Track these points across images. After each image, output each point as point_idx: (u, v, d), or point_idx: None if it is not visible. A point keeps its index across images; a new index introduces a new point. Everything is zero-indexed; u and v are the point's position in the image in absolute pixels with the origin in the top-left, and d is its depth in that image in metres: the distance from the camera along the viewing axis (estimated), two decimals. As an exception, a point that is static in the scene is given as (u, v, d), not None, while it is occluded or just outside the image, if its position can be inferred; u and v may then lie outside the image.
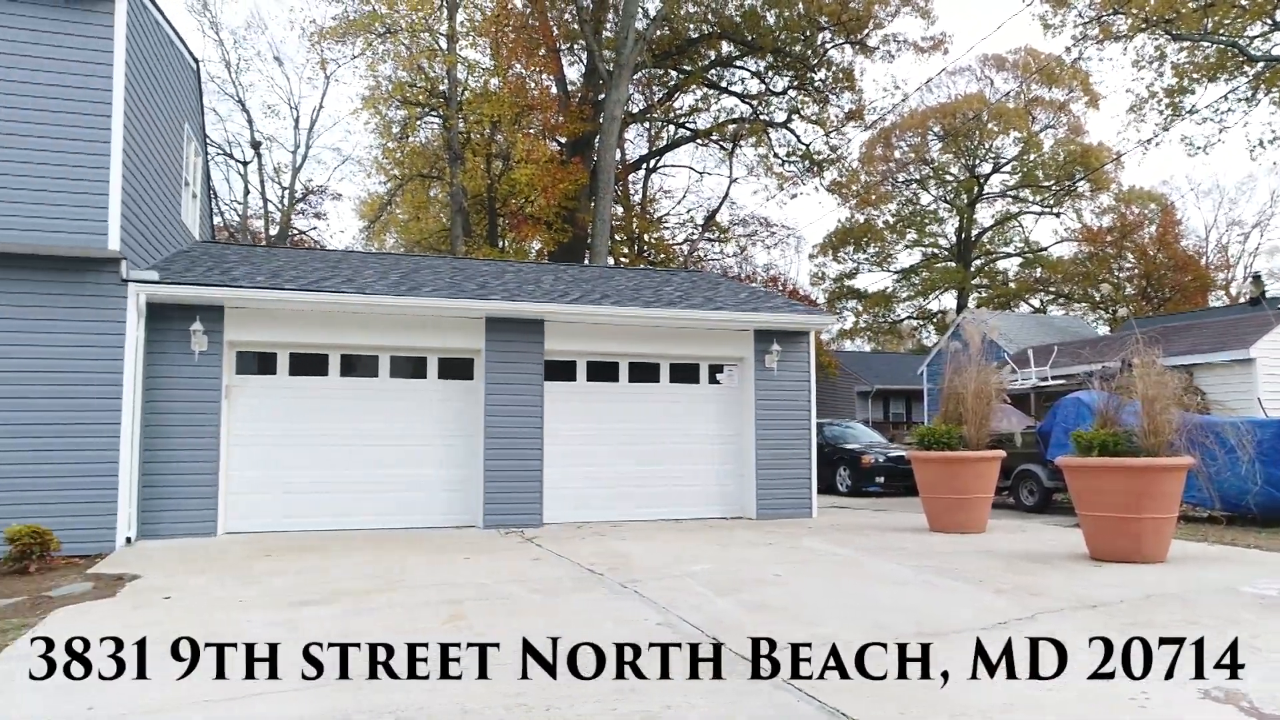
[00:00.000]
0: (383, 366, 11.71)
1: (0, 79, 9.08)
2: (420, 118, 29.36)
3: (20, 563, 8.56)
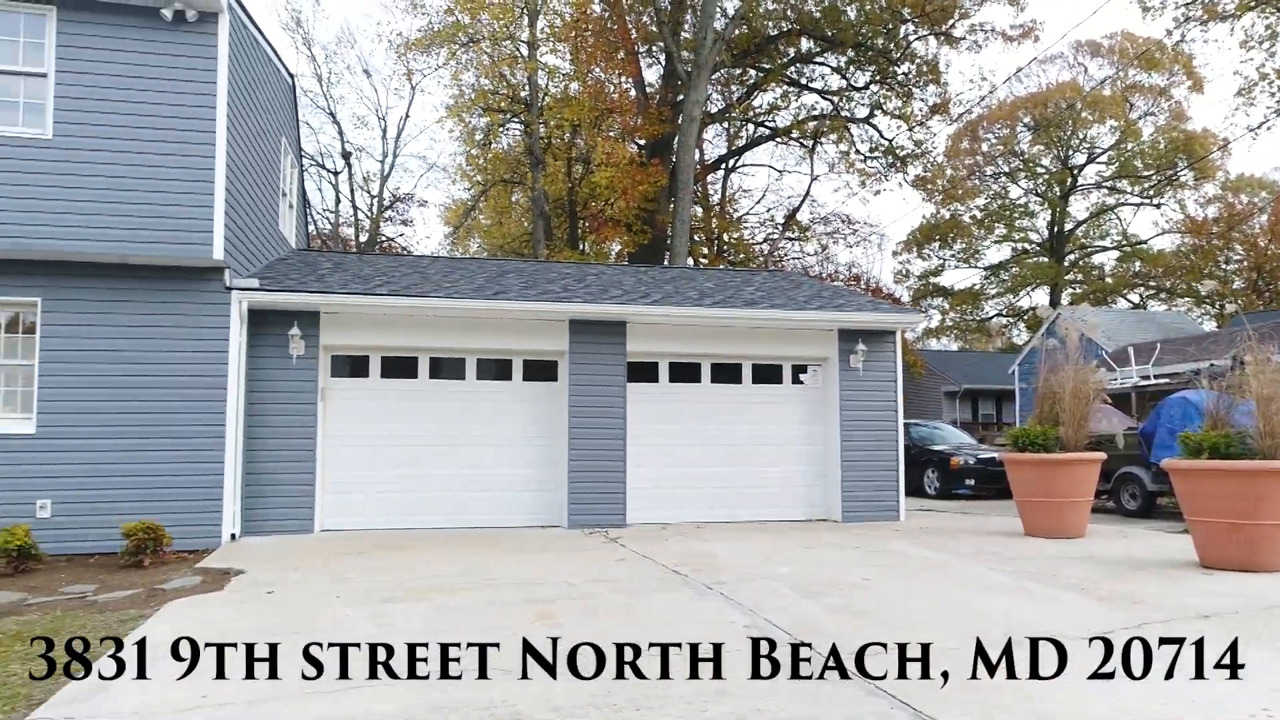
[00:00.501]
0: (469, 369, 11.96)
1: (113, 99, 9.63)
2: (502, 124, 29.89)
3: (135, 557, 9.06)
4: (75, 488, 9.64)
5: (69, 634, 6.06)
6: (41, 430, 9.65)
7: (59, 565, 9.17)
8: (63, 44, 9.57)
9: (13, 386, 9.80)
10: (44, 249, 9.46)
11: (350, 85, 43.99)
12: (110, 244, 9.56)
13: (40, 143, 9.46)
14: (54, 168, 9.46)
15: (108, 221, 9.54)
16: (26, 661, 5.38)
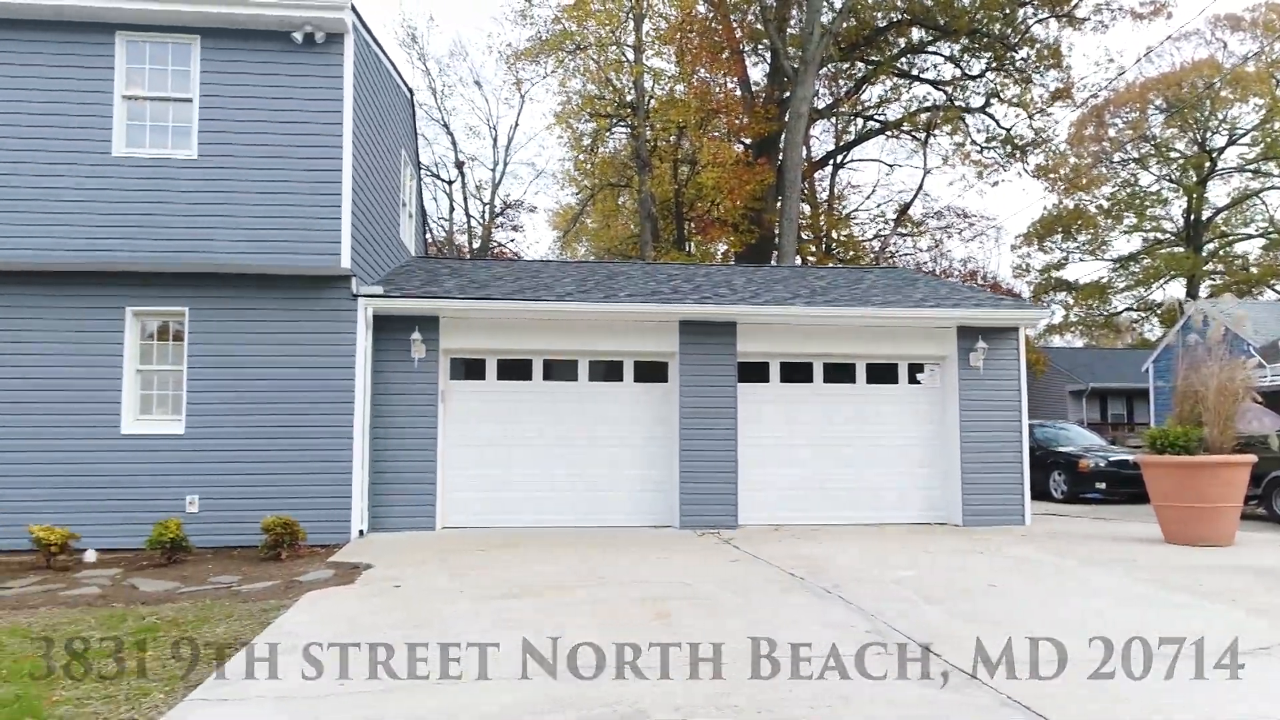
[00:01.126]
0: (582, 370, 12.15)
1: (250, 119, 10.24)
2: (609, 129, 30.23)
3: (273, 550, 9.59)
4: (219, 484, 10.30)
5: (217, 621, 6.48)
6: (190, 431, 10.35)
7: (206, 556, 9.82)
8: (206, 70, 10.25)
9: (165, 390, 10.55)
10: (191, 262, 10.15)
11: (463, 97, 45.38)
12: (248, 255, 10.18)
13: (187, 163, 10.16)
14: (199, 186, 10.14)
15: (246, 234, 10.16)
16: (183, 646, 5.78)
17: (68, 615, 6.90)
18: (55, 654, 5.62)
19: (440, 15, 49.61)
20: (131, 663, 5.37)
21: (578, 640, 5.66)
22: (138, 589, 8.03)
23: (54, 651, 5.68)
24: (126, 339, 10.34)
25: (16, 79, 10.00)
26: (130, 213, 10.01)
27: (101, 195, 9.99)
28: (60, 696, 4.73)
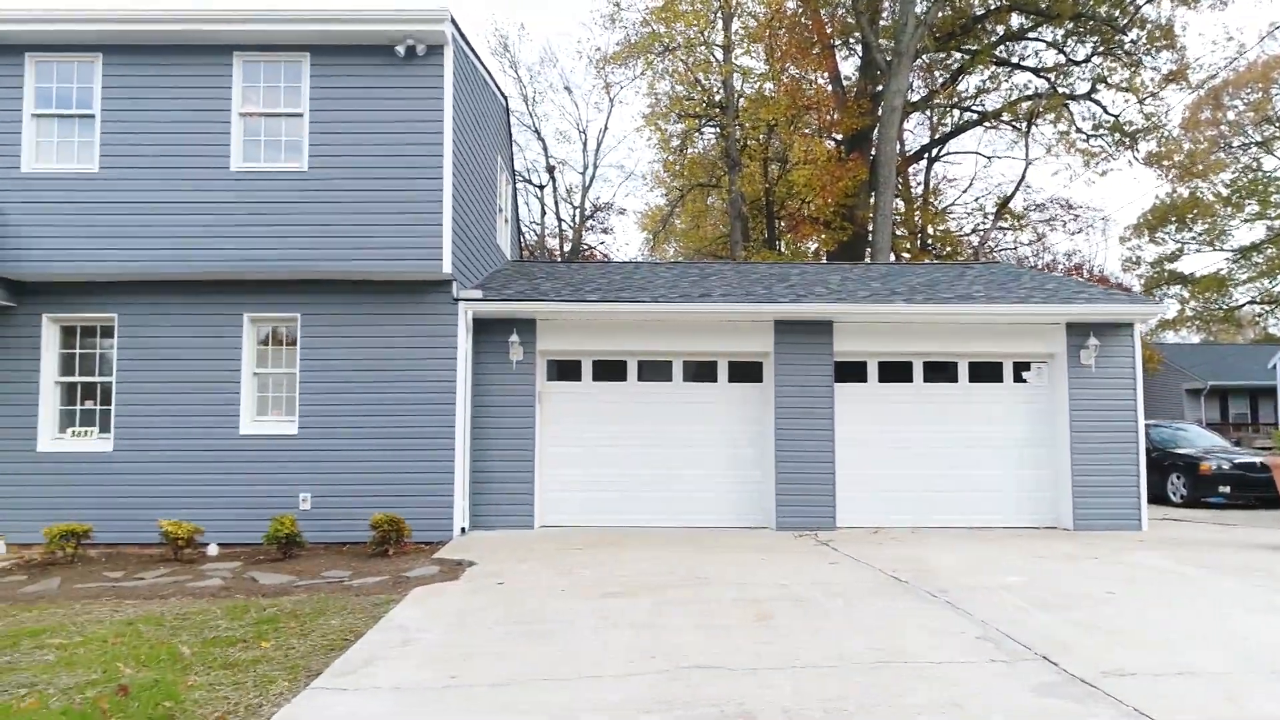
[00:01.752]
0: (676, 371, 12.17)
1: (355, 131, 10.63)
2: (698, 129, 30.20)
3: (381, 546, 9.93)
4: (329, 482, 10.72)
5: (333, 614, 6.75)
6: (302, 431, 10.81)
7: (318, 552, 10.24)
8: (315, 85, 10.69)
9: (279, 392, 11.05)
10: (302, 269, 10.61)
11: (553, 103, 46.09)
12: (355, 263, 10.57)
13: (298, 175, 10.62)
14: (309, 197, 10.58)
15: (353, 242, 10.55)
16: (302, 637, 6.05)
17: (195, 605, 7.30)
18: (188, 641, 5.95)
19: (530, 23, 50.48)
20: (256, 652, 5.64)
21: (681, 639, 5.68)
22: (257, 582, 8.43)
23: (186, 639, 6.02)
24: (244, 343, 10.88)
25: (146, 100, 10.64)
26: (247, 224, 10.53)
27: (221, 208, 10.53)
28: (194, 682, 5.01)
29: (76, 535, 9.85)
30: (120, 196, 10.52)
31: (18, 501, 10.53)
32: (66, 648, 5.86)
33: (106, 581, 8.59)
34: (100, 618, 6.85)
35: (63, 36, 10.49)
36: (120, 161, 10.58)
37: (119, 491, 10.59)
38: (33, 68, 10.65)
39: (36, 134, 10.67)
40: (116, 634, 6.21)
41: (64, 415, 10.94)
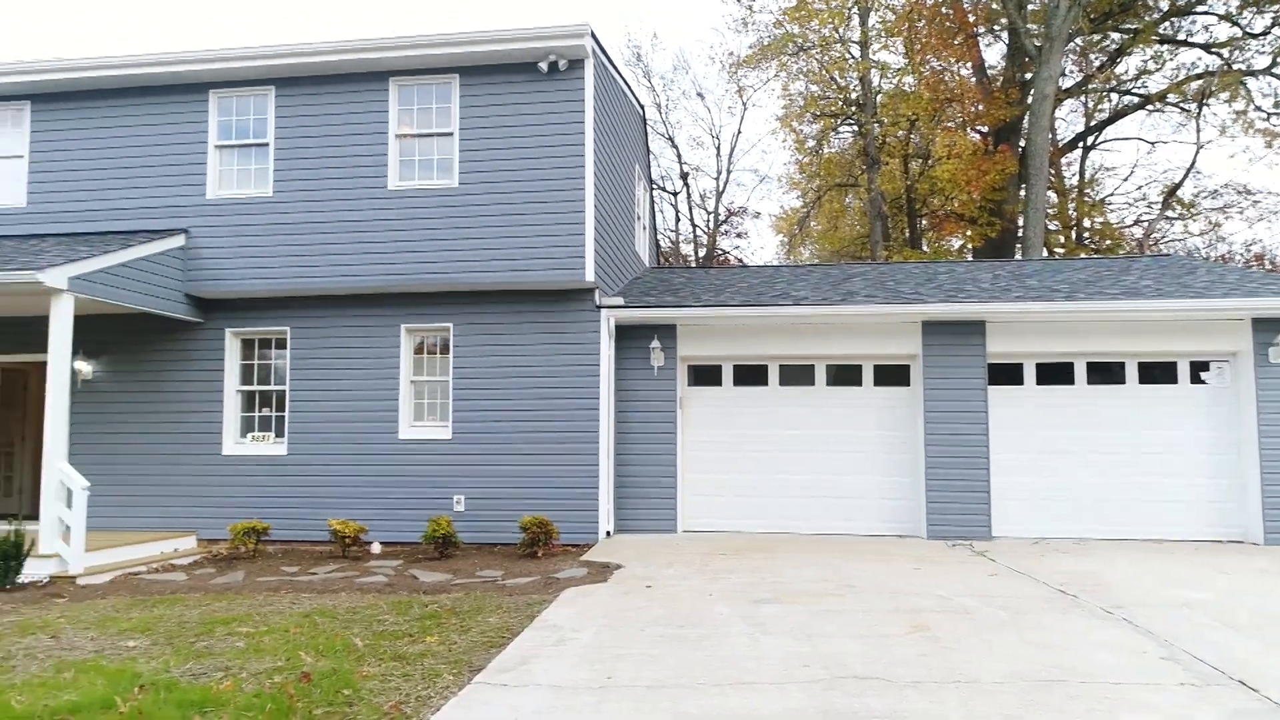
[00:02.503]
0: (818, 375, 11.95)
1: (501, 147, 11.01)
2: (834, 128, 29.61)
3: (530, 548, 10.23)
4: (481, 485, 11.13)
5: (489, 611, 6.99)
6: (455, 436, 11.27)
7: (470, 552, 10.65)
8: (464, 105, 11.17)
9: (433, 399, 11.58)
10: (454, 282, 11.08)
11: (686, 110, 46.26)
12: (502, 274, 10.95)
13: (449, 191, 11.11)
14: (459, 212, 11.05)
15: (500, 254, 10.94)
16: (463, 633, 6.30)
17: (364, 600, 7.74)
18: (359, 634, 6.31)
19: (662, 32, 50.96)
20: (422, 646, 5.92)
21: (836, 648, 5.55)
22: (417, 579, 8.85)
23: (358, 631, 6.39)
24: (402, 353, 11.46)
25: (313, 127, 11.41)
26: (403, 240, 11.10)
27: (380, 226, 11.15)
28: (368, 672, 5.30)
29: (257, 532, 10.65)
30: (292, 218, 11.32)
31: (206, 500, 11.47)
32: (254, 636, 6.33)
33: (284, 575, 9.24)
34: (281, 609, 7.36)
35: (241, 73, 11.39)
36: (291, 185, 11.38)
37: (292, 492, 11.37)
38: (215, 103, 11.63)
39: (219, 163, 11.63)
40: (296, 624, 6.66)
41: (244, 421, 11.85)
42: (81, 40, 54.08)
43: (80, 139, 11.79)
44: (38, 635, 6.54)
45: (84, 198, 11.72)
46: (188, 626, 6.70)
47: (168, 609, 7.46)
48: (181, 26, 56.55)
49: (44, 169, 11.84)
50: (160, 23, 57.29)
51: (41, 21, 56.06)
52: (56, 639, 6.41)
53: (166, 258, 11.05)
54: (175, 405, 11.70)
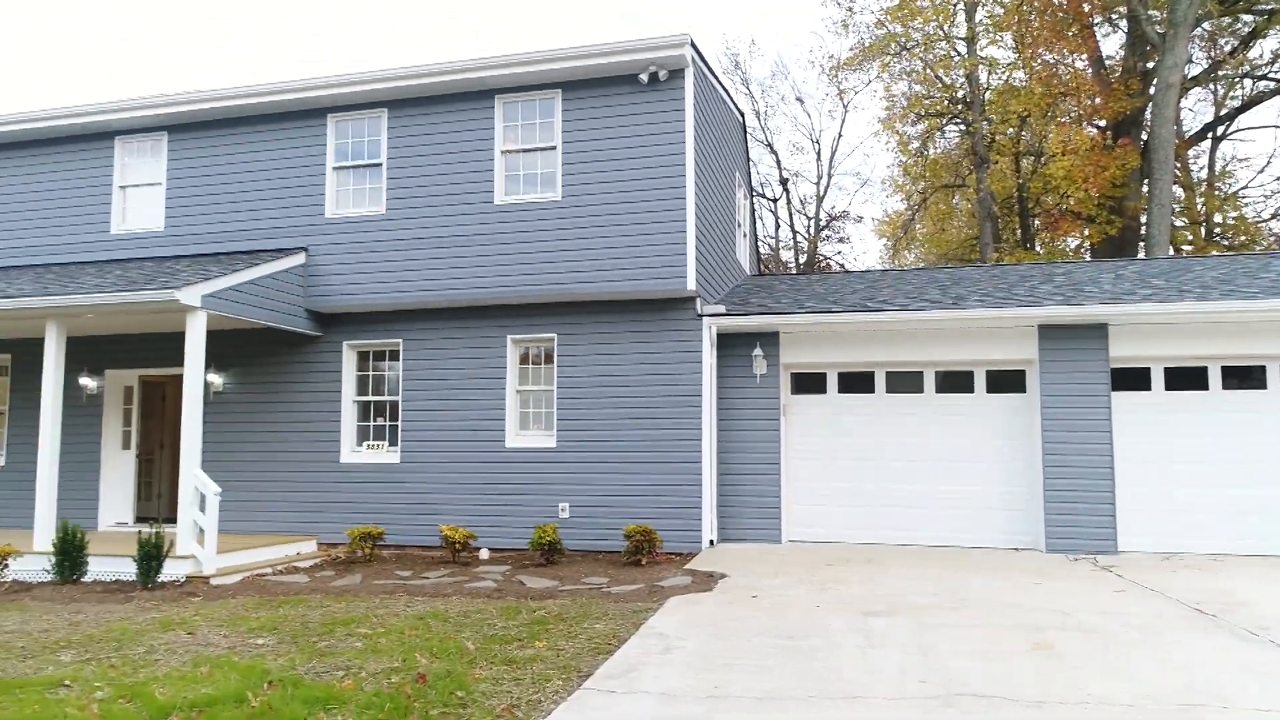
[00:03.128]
0: (927, 381, 11.59)
1: (602, 159, 11.15)
2: (940, 128, 28.79)
3: (634, 556, 10.27)
4: (585, 493, 11.26)
5: (596, 618, 7.05)
6: (559, 444, 11.45)
7: (575, 559, 10.77)
8: (566, 119, 11.37)
9: (538, 408, 11.79)
10: (558, 293, 11.28)
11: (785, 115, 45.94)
12: (605, 284, 11.07)
13: (552, 204, 11.32)
14: (562, 224, 11.25)
15: (602, 264, 11.07)
16: (570, 638, 6.37)
17: (473, 604, 7.92)
18: (471, 637, 6.46)
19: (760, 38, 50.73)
20: (531, 650, 6.01)
21: (952, 664, 5.36)
22: (524, 585, 9.01)
23: (469, 635, 6.54)
24: (508, 363, 11.72)
25: (423, 146, 11.83)
26: (509, 252, 11.37)
27: (487, 240, 11.46)
28: (480, 675, 5.42)
29: (372, 537, 11.07)
30: (403, 235, 11.75)
31: (326, 506, 11.99)
32: (371, 637, 6.56)
33: (398, 579, 9.56)
34: (395, 611, 7.61)
35: (356, 97, 11.91)
36: (402, 203, 11.82)
37: (405, 498, 11.76)
38: (332, 126, 12.20)
39: (336, 184, 12.18)
40: (410, 627, 6.87)
41: (360, 430, 12.34)
42: (210, 72, 57.55)
43: (211, 165, 12.56)
44: (176, 631, 6.96)
45: (214, 220, 12.48)
46: (310, 626, 7.01)
47: (291, 609, 7.82)
48: (294, 56, 59.51)
49: (179, 194, 12.67)
50: (275, 52, 60.44)
51: (176, 56, 59.99)
52: (193, 635, 6.81)
53: (288, 275, 11.64)
54: (297, 415, 12.29)
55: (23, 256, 13.24)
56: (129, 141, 12.99)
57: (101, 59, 60.69)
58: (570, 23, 51.85)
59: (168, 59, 59.82)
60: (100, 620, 7.52)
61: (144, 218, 12.87)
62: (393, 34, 60.07)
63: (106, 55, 60.86)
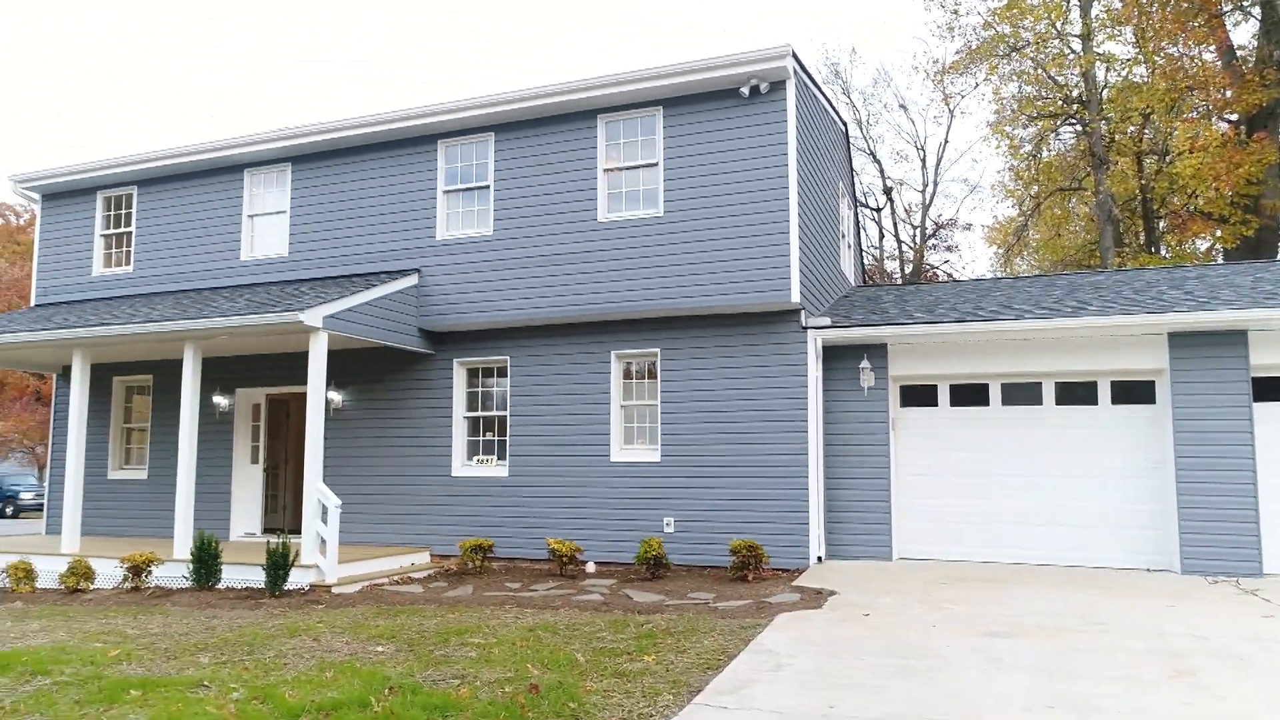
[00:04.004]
0: (1046, 393, 11.08)
1: (703, 173, 11.17)
2: (1054, 130, 27.64)
3: (740, 571, 10.17)
4: (689, 508, 11.23)
5: (704, 633, 7.00)
6: (664, 458, 11.46)
7: (680, 574, 10.74)
8: (667, 135, 11.45)
9: (642, 423, 11.85)
10: (661, 308, 11.33)
11: (888, 123, 44.91)
12: (708, 298, 11.06)
13: (654, 221, 11.40)
14: (665, 240, 11.31)
15: (705, 279, 11.06)
16: (679, 653, 6.34)
17: (581, 617, 7.99)
18: (580, 649, 6.52)
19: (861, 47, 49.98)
20: (640, 664, 6.01)
21: (1083, 689, 5.08)
22: (631, 599, 9.03)
23: (579, 647, 6.60)
24: (612, 378, 11.83)
25: (527, 167, 12.12)
26: (612, 269, 11.50)
27: (591, 256, 11.63)
28: (591, 687, 5.45)
29: (483, 549, 11.32)
30: (510, 254, 12.04)
31: (438, 518, 12.35)
32: (484, 647, 6.70)
33: (507, 591, 9.74)
34: (506, 622, 7.76)
35: (464, 122, 12.32)
36: (509, 223, 12.13)
37: (513, 511, 11.99)
38: (443, 151, 12.64)
39: (446, 207, 12.61)
40: (521, 638, 6.99)
41: (470, 445, 12.67)
42: (325, 107, 60.39)
43: (330, 193, 13.21)
44: (302, 637, 7.28)
45: (333, 244, 13.10)
46: (426, 635, 7.21)
47: (408, 618, 8.07)
48: (294, 56, 61.22)
49: (301, 221, 13.36)
50: (275, 51, 62.29)
51: (175, 56, 62.49)
52: (317, 641, 7.11)
53: (402, 296, 12.09)
54: (410, 430, 12.72)
55: (164, 283, 14.20)
56: (256, 173, 13.80)
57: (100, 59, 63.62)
58: (570, 23, 52.07)
59: (168, 58, 61.95)
60: (233, 625, 7.94)
61: (270, 244, 13.63)
62: (393, 34, 61.31)
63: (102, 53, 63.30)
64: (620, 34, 58.26)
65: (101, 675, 5.98)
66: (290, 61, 64.00)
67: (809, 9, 46.46)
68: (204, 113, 62.21)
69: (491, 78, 60.25)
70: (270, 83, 69.53)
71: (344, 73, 67.64)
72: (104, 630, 7.82)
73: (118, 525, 14.15)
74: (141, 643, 7.15)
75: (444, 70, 63.96)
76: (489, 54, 64.99)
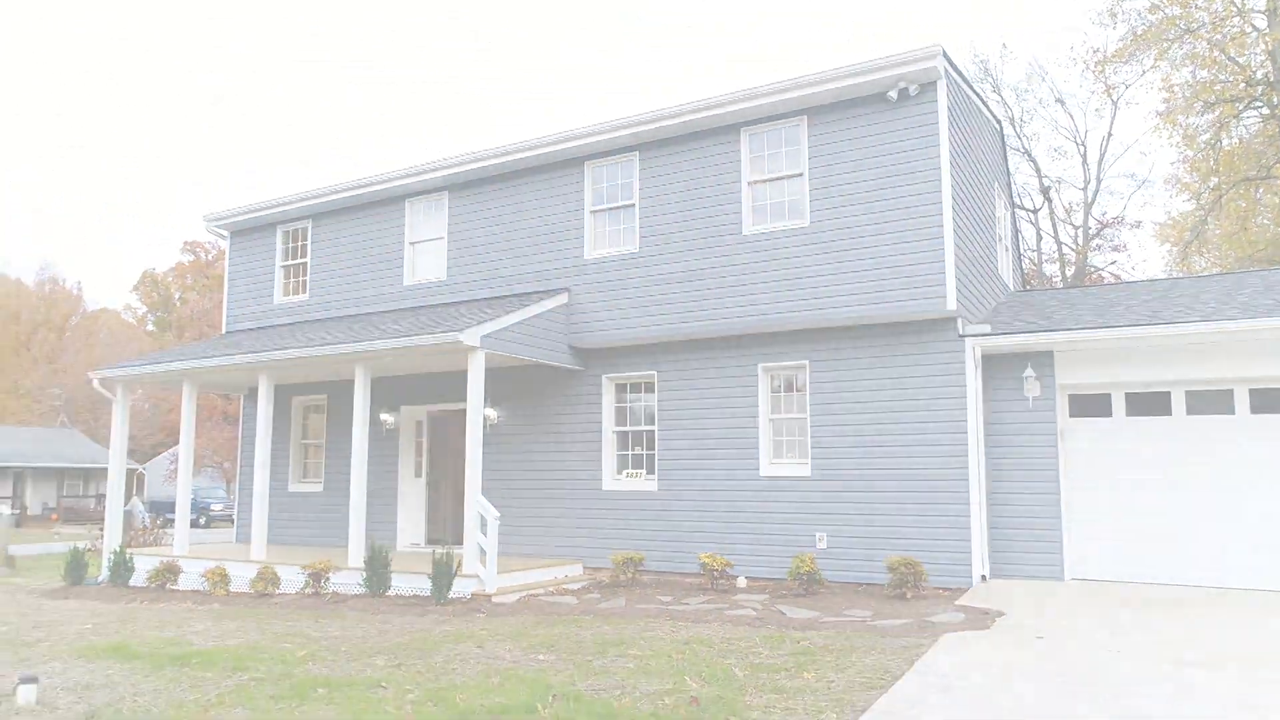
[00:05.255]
0: (1239, 401, 10.14)
1: (850, 180, 10.95)
2: (1235, 115, 25.40)
3: (898, 589, 9.83)
4: (843, 523, 10.95)
5: (864, 652, 6.80)
6: (814, 472, 11.25)
7: (834, 590, 10.48)
8: (812, 144, 11.31)
9: (791, 436, 11.68)
10: (808, 320, 11.16)
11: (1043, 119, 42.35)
12: (857, 309, 10.80)
13: (800, 232, 11.27)
14: (811, 250, 11.15)
15: (854, 289, 10.82)
16: (838, 671, 6.19)
17: (735, 631, 7.94)
18: (737, 664, 6.47)
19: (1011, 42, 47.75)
20: (799, 681, 5.91)
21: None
22: (785, 615, 8.90)
23: (735, 661, 6.56)
24: (760, 392, 11.74)
25: (671, 184, 12.26)
26: (758, 282, 11.44)
27: (737, 270, 11.61)
28: (751, 702, 5.41)
29: (634, 562, 11.45)
30: (655, 271, 12.20)
31: (589, 531, 12.60)
32: (641, 658, 6.77)
33: (659, 604, 9.81)
34: (661, 635, 7.81)
35: (609, 144, 12.60)
36: (653, 240, 12.29)
37: (662, 525, 12.08)
38: (589, 172, 12.98)
39: (593, 226, 12.92)
40: (677, 650, 7.02)
41: (619, 459, 12.87)
42: (326, 107, 61.19)
43: (484, 218, 13.81)
44: (467, 644, 7.59)
45: (487, 267, 13.68)
46: (584, 645, 7.36)
47: (565, 628, 8.26)
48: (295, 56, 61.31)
49: (458, 246, 14.03)
50: (275, 52, 62.70)
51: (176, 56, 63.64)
52: (481, 648, 7.39)
53: (553, 314, 12.47)
54: (562, 445, 13.07)
55: (336, 309, 15.24)
56: (416, 203, 14.61)
57: None
58: (570, 23, 51.28)
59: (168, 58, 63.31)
60: (404, 630, 8.38)
61: (429, 269, 14.38)
62: (393, 34, 61.75)
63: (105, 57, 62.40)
64: (620, 34, 57.73)
65: (291, 674, 6.44)
66: (290, 61, 65.82)
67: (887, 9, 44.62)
68: (204, 112, 64.54)
69: (491, 78, 60.88)
70: (270, 83, 71.42)
71: (344, 73, 68.97)
72: (290, 631, 8.42)
73: (297, 534, 15.24)
74: (324, 644, 7.66)
75: (444, 70, 64.67)
76: (489, 54, 65.40)
